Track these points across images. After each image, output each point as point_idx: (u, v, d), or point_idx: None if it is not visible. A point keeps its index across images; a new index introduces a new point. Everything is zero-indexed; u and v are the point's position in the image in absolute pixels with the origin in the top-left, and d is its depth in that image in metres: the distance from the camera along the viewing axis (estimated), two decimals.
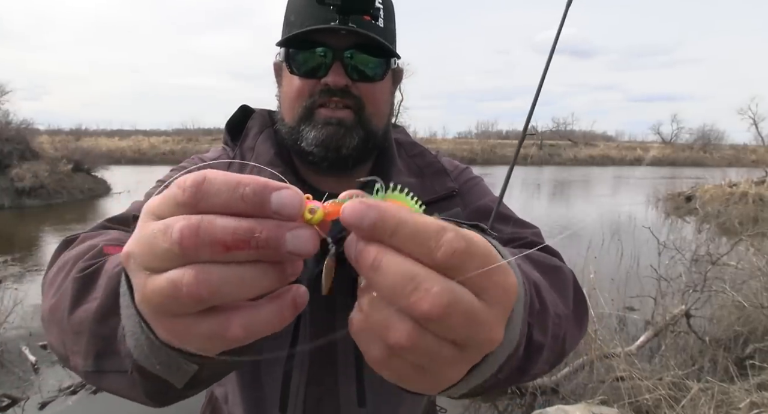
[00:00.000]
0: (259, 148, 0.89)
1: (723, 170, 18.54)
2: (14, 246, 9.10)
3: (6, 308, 4.77)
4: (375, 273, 0.31)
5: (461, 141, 50.11)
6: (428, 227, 0.31)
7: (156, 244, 0.31)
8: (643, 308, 5.06)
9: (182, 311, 0.32)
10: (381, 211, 0.31)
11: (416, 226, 0.31)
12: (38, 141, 17.24)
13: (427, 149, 1.00)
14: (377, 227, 0.31)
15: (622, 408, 3.25)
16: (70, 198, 14.93)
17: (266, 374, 0.85)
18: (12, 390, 3.86)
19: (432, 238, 0.31)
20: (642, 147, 47.85)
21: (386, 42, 0.82)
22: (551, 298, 0.60)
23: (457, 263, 0.31)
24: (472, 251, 0.32)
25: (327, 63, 0.80)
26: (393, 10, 0.88)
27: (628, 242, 7.32)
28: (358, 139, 0.83)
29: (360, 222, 0.31)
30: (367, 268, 0.31)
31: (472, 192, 0.96)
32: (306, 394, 0.83)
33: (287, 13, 0.85)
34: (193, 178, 0.31)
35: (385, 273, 0.31)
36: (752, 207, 12.88)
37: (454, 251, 0.31)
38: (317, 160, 0.83)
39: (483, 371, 0.40)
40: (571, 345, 0.67)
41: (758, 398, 2.93)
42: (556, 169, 31.41)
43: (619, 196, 18.47)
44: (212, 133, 49.57)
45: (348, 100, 0.81)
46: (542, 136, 42.41)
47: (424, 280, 0.30)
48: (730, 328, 4.36)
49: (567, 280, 0.72)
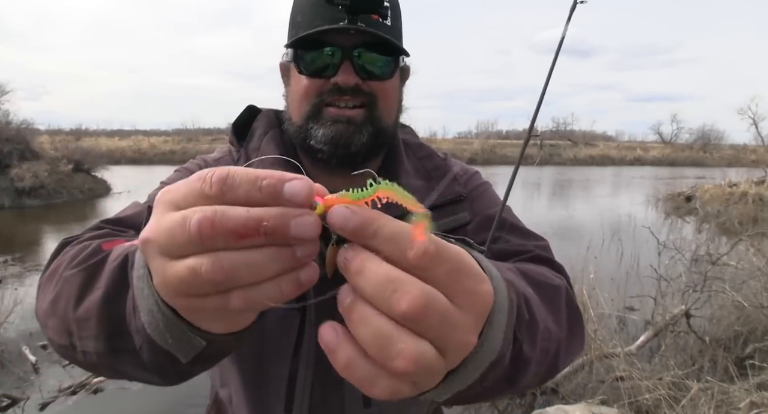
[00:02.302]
0: (264, 149, 0.89)
1: (723, 170, 18.54)
2: (14, 246, 9.10)
3: (6, 308, 4.77)
4: (359, 277, 0.34)
5: (461, 141, 50.08)
6: (403, 229, 0.35)
7: (175, 233, 0.35)
8: (643, 308, 5.07)
9: (199, 293, 0.36)
10: (362, 217, 0.34)
11: (392, 229, 0.35)
12: (38, 141, 17.24)
13: (435, 152, 0.99)
14: (359, 231, 0.34)
15: (622, 408, 3.25)
16: (70, 198, 14.93)
17: (271, 374, 0.85)
18: (12, 390, 3.86)
19: (407, 240, 0.34)
20: (642, 147, 47.79)
21: (395, 40, 0.82)
22: (541, 313, 0.60)
23: (428, 264, 0.34)
24: (442, 255, 0.35)
25: (336, 62, 0.80)
26: (399, 8, 0.88)
27: (628, 242, 7.33)
28: (367, 136, 0.83)
29: (344, 225, 0.34)
30: (353, 273, 0.35)
31: (481, 198, 0.95)
32: (312, 394, 0.83)
33: (293, 14, 0.85)
34: (219, 173, 0.35)
35: (368, 277, 0.34)
36: (752, 207, 12.88)
37: (424, 252, 0.34)
38: (326, 156, 0.83)
39: (464, 377, 0.41)
40: (564, 361, 0.67)
41: (758, 398, 2.93)
42: (556, 169, 31.40)
43: (619, 196, 18.47)
44: (212, 133, 49.44)
45: (359, 98, 0.81)
46: (542, 136, 42.45)
47: (403, 283, 0.34)
48: (730, 328, 4.36)
49: (560, 297, 0.72)
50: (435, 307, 0.34)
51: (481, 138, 54.60)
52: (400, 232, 0.35)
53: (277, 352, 0.84)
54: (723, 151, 45.91)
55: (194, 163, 0.96)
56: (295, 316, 0.83)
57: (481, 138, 54.20)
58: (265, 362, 0.85)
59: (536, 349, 0.57)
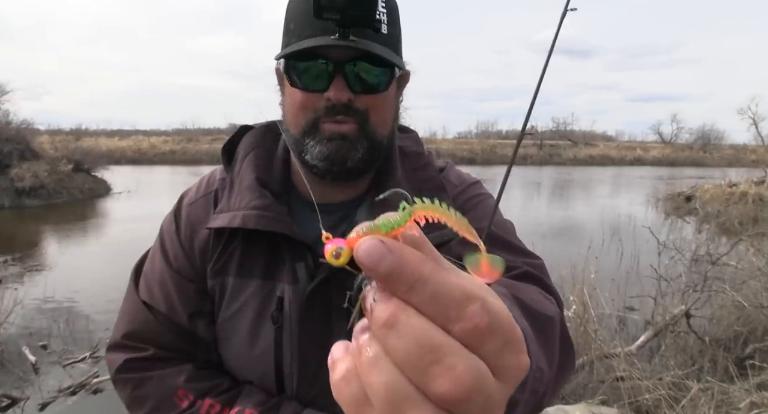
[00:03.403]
0: (243, 173, 0.89)
1: (723, 170, 18.54)
2: (14, 246, 9.10)
3: (6, 308, 4.77)
4: (389, 331, 0.26)
5: (461, 141, 49.98)
6: (451, 292, 0.26)
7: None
8: (643, 308, 5.06)
9: None
10: (399, 259, 0.26)
11: (437, 288, 0.26)
12: (38, 141, 17.23)
13: (431, 163, 0.96)
14: (393, 277, 0.26)
15: (622, 408, 3.25)
16: (70, 198, 14.92)
17: (258, 381, 0.86)
18: (12, 390, 3.86)
19: (453, 307, 0.26)
20: (642, 147, 47.77)
21: (390, 50, 0.81)
22: (535, 352, 0.59)
23: (476, 341, 0.27)
24: (494, 328, 0.27)
25: (328, 76, 0.78)
26: (397, 12, 0.85)
27: (628, 242, 7.33)
28: (363, 151, 0.82)
29: (375, 266, 0.26)
30: (381, 323, 0.26)
31: (474, 211, 0.92)
32: (298, 396, 0.85)
33: (287, 20, 0.84)
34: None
35: (402, 335, 0.26)
36: (752, 207, 12.86)
37: (475, 327, 0.26)
38: (321, 172, 0.83)
39: None
40: (550, 399, 0.66)
41: (758, 398, 2.93)
42: (556, 169, 31.40)
43: (619, 196, 18.47)
44: (212, 133, 49.42)
45: (351, 116, 0.80)
46: (542, 136, 42.38)
47: (447, 354, 0.25)
48: (730, 328, 4.35)
49: (554, 330, 0.70)
50: (482, 389, 0.26)
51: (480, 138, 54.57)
52: (448, 294, 0.26)
53: (256, 363, 0.85)
54: (723, 151, 45.87)
55: (200, 185, 0.97)
56: (268, 327, 0.84)
57: (481, 138, 54.17)
58: (250, 374, 0.87)
59: (526, 391, 0.56)
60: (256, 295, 0.84)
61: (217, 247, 0.87)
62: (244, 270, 0.85)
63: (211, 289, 0.88)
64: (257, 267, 0.85)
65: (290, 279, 0.83)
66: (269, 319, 0.83)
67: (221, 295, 0.87)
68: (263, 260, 0.85)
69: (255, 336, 0.84)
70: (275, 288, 0.84)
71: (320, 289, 0.82)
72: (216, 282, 0.87)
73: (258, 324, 0.84)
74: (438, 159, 1.01)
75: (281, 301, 0.83)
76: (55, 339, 4.64)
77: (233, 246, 0.86)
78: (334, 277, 0.82)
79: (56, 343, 4.57)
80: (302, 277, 0.82)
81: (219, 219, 0.85)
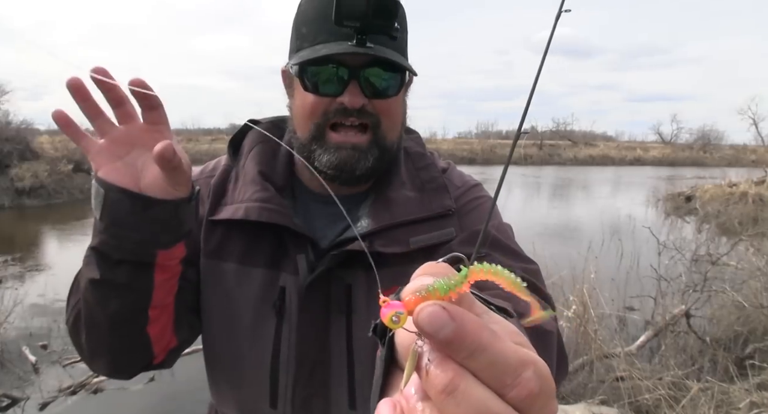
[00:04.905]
0: (247, 167, 0.90)
1: (723, 170, 18.54)
2: (14, 246, 9.10)
3: (6, 308, 4.77)
4: (448, 397, 0.27)
5: (461, 141, 49.91)
6: (507, 360, 0.27)
7: None
8: (643, 308, 5.06)
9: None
10: (461, 327, 0.27)
11: (495, 356, 0.27)
12: (38, 141, 17.20)
13: (434, 163, 0.97)
14: (453, 344, 0.27)
15: (622, 408, 3.25)
16: (70, 198, 14.90)
17: (252, 376, 0.86)
18: (12, 390, 3.86)
19: (510, 373, 0.27)
20: (642, 147, 47.74)
21: (402, 56, 0.81)
22: None
23: (528, 405, 0.28)
24: (544, 391, 0.28)
25: (343, 82, 0.79)
26: (405, 17, 0.86)
27: (628, 242, 7.32)
28: (372, 160, 0.83)
29: (436, 333, 0.27)
30: (440, 389, 0.27)
31: (473, 213, 0.92)
32: (294, 393, 0.84)
33: (297, 23, 0.83)
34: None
35: (461, 403, 0.26)
36: (752, 207, 12.85)
37: (529, 393, 0.27)
38: (330, 178, 0.84)
39: None
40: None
41: (758, 398, 2.93)
42: (557, 169, 31.39)
43: (619, 196, 18.47)
44: (212, 133, 49.34)
45: (364, 119, 0.81)
46: (542, 136, 42.34)
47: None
48: (730, 328, 4.35)
49: (552, 345, 0.71)
50: None
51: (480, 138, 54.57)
52: (505, 361, 0.27)
53: (254, 353, 0.85)
54: (723, 151, 45.84)
55: (204, 172, 0.97)
56: (270, 316, 0.84)
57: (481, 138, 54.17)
58: (244, 363, 0.87)
59: None
60: (261, 283, 0.85)
61: (214, 230, 0.88)
62: (249, 258, 0.86)
63: (202, 266, 0.88)
64: (262, 256, 0.86)
65: (292, 270, 0.84)
66: (272, 307, 0.84)
67: (216, 278, 0.88)
68: (268, 250, 0.86)
69: (256, 324, 0.85)
70: (278, 277, 0.85)
71: (320, 282, 0.83)
72: (209, 263, 0.88)
73: (260, 312, 0.85)
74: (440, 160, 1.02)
75: (283, 291, 0.84)
76: (55, 339, 4.63)
77: (234, 234, 0.87)
78: (334, 273, 0.83)
79: (56, 343, 4.56)
80: (302, 268, 0.83)
81: (224, 211, 0.87)
